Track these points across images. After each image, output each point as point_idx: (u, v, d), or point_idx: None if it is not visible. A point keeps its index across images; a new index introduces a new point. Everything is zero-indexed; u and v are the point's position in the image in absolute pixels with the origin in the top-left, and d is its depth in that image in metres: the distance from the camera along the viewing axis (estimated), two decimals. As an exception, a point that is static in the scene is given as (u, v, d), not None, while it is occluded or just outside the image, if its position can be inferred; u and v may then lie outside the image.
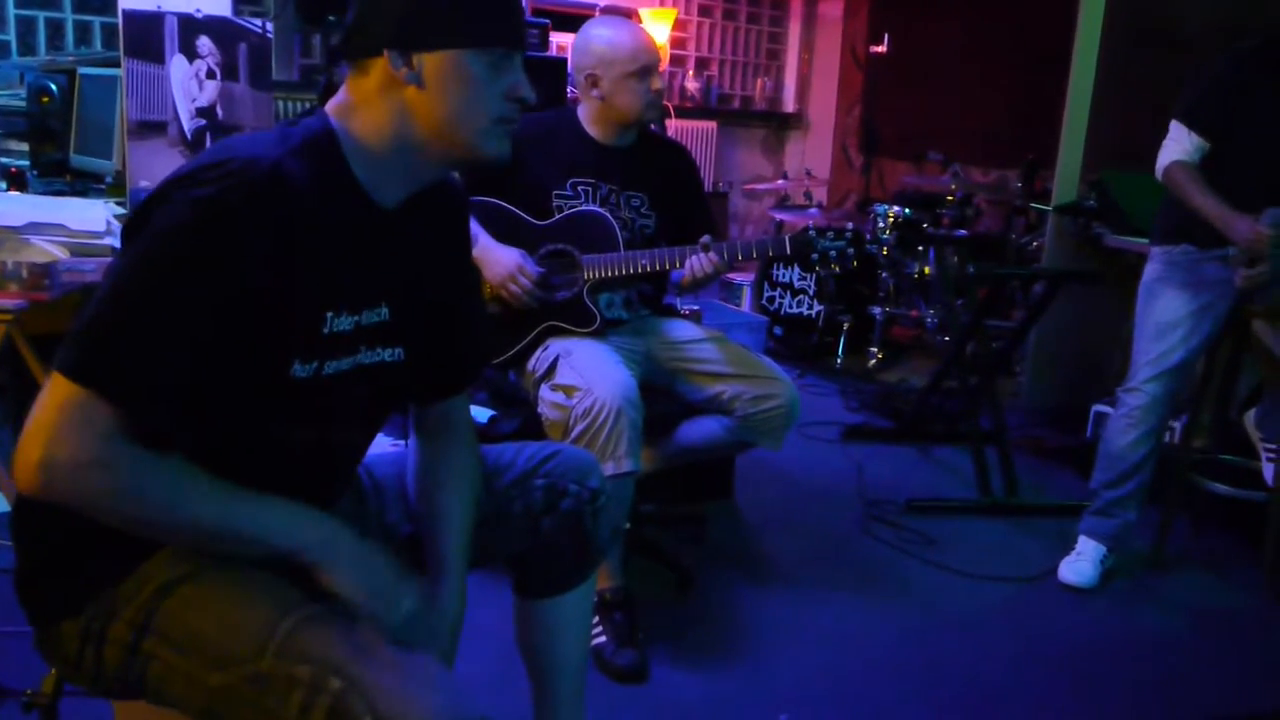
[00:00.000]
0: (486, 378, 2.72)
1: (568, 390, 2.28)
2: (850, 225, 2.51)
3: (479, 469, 1.51)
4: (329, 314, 1.25)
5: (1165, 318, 2.81)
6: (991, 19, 6.28)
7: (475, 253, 2.38)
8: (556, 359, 2.38)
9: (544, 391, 2.37)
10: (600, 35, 2.52)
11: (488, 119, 1.28)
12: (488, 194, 2.51)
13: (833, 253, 2.44)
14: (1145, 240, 3.12)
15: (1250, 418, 3.15)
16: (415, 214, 1.35)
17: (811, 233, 2.45)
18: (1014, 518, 3.36)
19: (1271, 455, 2.94)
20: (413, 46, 1.23)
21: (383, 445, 1.68)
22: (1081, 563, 2.89)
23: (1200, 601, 2.88)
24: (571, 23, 6.56)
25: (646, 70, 2.48)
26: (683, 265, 2.42)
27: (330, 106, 1.29)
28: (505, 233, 2.48)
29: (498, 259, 2.42)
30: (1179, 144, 2.75)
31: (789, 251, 2.46)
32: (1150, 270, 2.93)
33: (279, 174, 1.16)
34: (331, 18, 4.38)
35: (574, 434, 2.22)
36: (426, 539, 1.44)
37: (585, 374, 2.28)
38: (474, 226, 2.43)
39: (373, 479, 1.54)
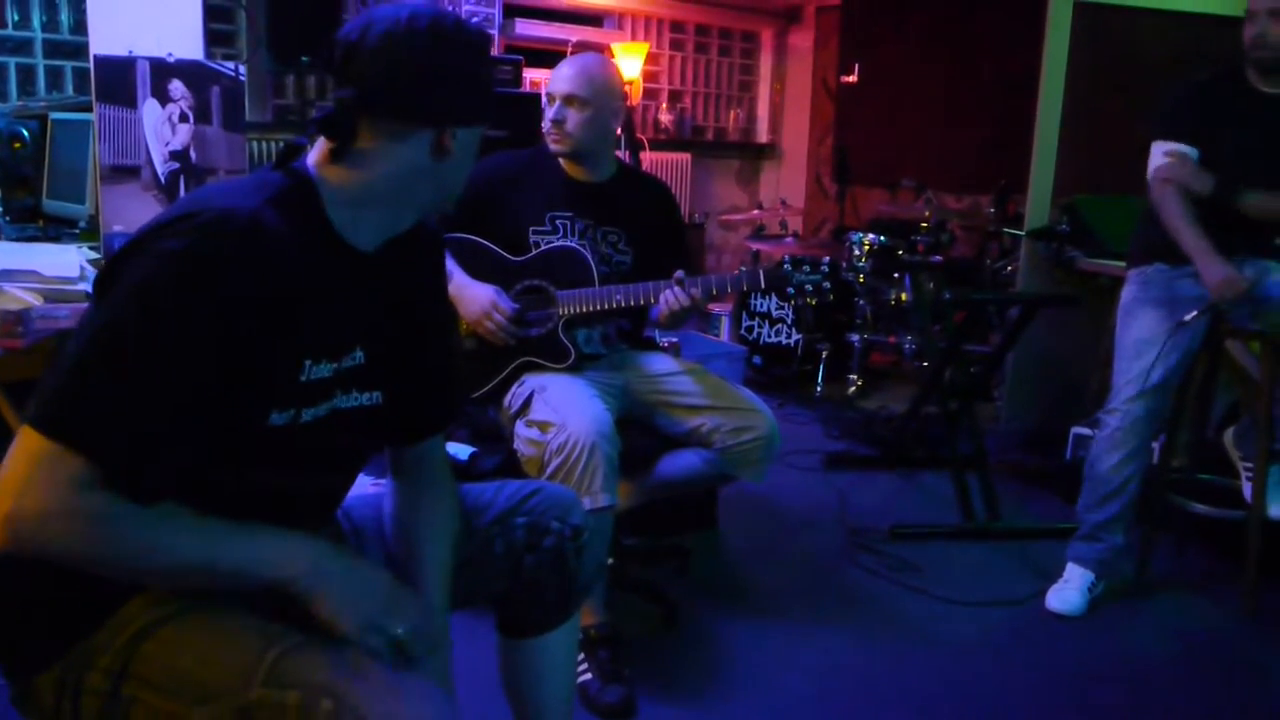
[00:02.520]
0: (466, 414, 2.71)
1: (542, 426, 2.28)
2: (827, 258, 2.53)
3: (458, 509, 1.51)
4: (307, 362, 1.25)
5: (1143, 336, 2.84)
6: (959, 48, 6.36)
7: (450, 290, 2.39)
8: (531, 395, 2.38)
9: (519, 428, 2.37)
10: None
11: (462, 185, 1.39)
12: (465, 232, 2.52)
13: (809, 286, 2.45)
14: (1118, 263, 3.16)
15: (1229, 436, 3.16)
16: (392, 258, 1.36)
17: (787, 266, 2.46)
18: (997, 542, 3.36)
19: (1250, 474, 2.96)
20: (452, 122, 1.28)
21: (364, 485, 1.67)
22: (1068, 591, 2.89)
23: (1185, 623, 2.88)
24: (543, 59, 6.63)
25: (550, 96, 2.51)
26: (658, 300, 2.43)
27: (311, 155, 1.29)
28: (481, 269, 2.48)
29: (473, 296, 2.42)
30: (1166, 157, 2.78)
31: (764, 286, 2.49)
32: (1126, 292, 2.95)
33: (257, 224, 1.16)
34: (305, 59, 4.38)
35: (549, 469, 2.21)
36: (407, 580, 1.43)
37: (559, 409, 2.28)
38: (449, 263, 2.43)
39: (351, 522, 1.53)
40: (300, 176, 1.27)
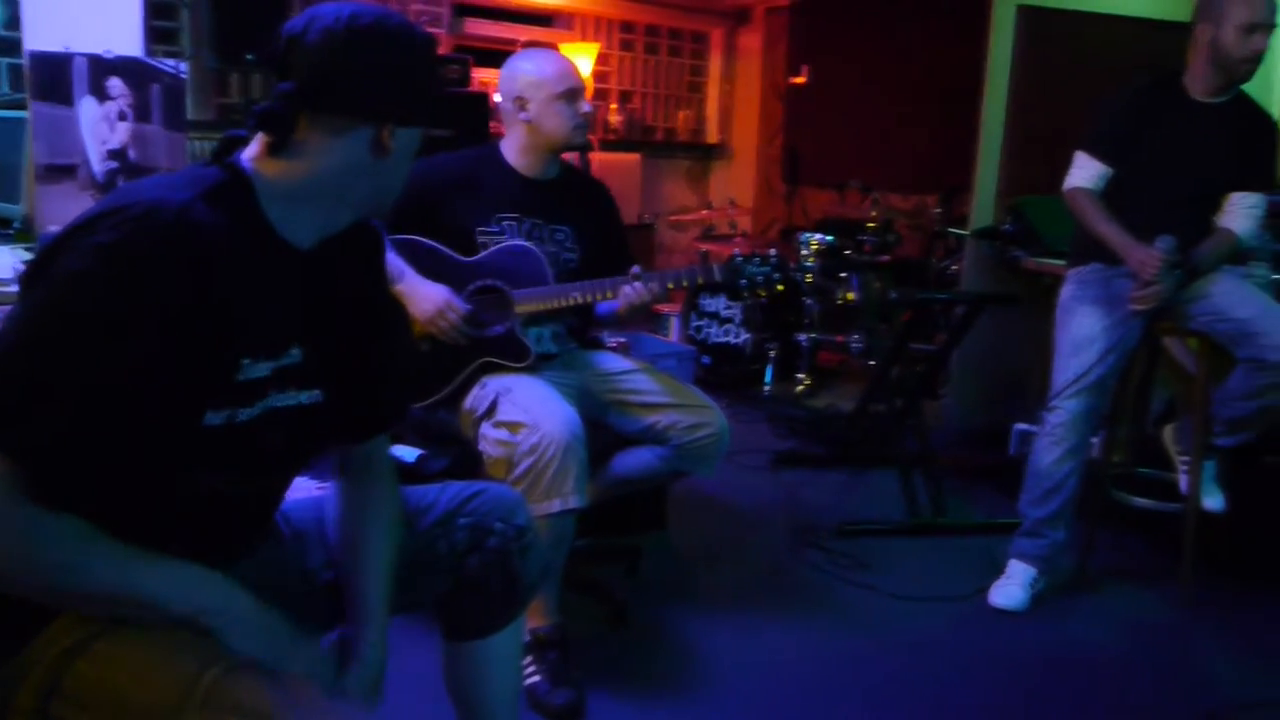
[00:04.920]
0: (414, 416, 2.69)
1: (512, 427, 2.27)
2: (774, 250, 2.58)
3: (401, 511, 1.49)
4: (245, 360, 1.23)
5: (1081, 334, 2.89)
6: (906, 50, 6.42)
7: (402, 289, 2.38)
8: (497, 397, 2.37)
9: (486, 429, 2.35)
10: (528, 61, 2.59)
11: (402, 186, 1.37)
12: (412, 233, 2.50)
13: (759, 278, 2.51)
14: (1061, 262, 3.22)
15: (1166, 432, 3.23)
16: (330, 255, 1.34)
17: (739, 258, 2.51)
18: (943, 538, 3.40)
19: (1186, 468, 3.02)
20: (393, 121, 1.27)
21: (307, 488, 1.65)
22: (1011, 586, 2.93)
23: (1125, 614, 2.94)
24: (492, 58, 6.59)
25: (573, 93, 2.53)
26: (615, 296, 2.44)
27: (249, 151, 1.27)
28: (432, 270, 2.46)
29: (425, 295, 2.40)
30: (1083, 171, 2.90)
31: (719, 278, 2.53)
32: (1065, 291, 3.01)
33: (187, 217, 1.14)
34: (250, 56, 4.33)
35: (519, 470, 2.21)
36: (347, 584, 1.42)
37: (530, 410, 2.27)
38: (400, 263, 2.42)
39: (290, 525, 1.51)
40: (236, 171, 1.25)
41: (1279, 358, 2.69)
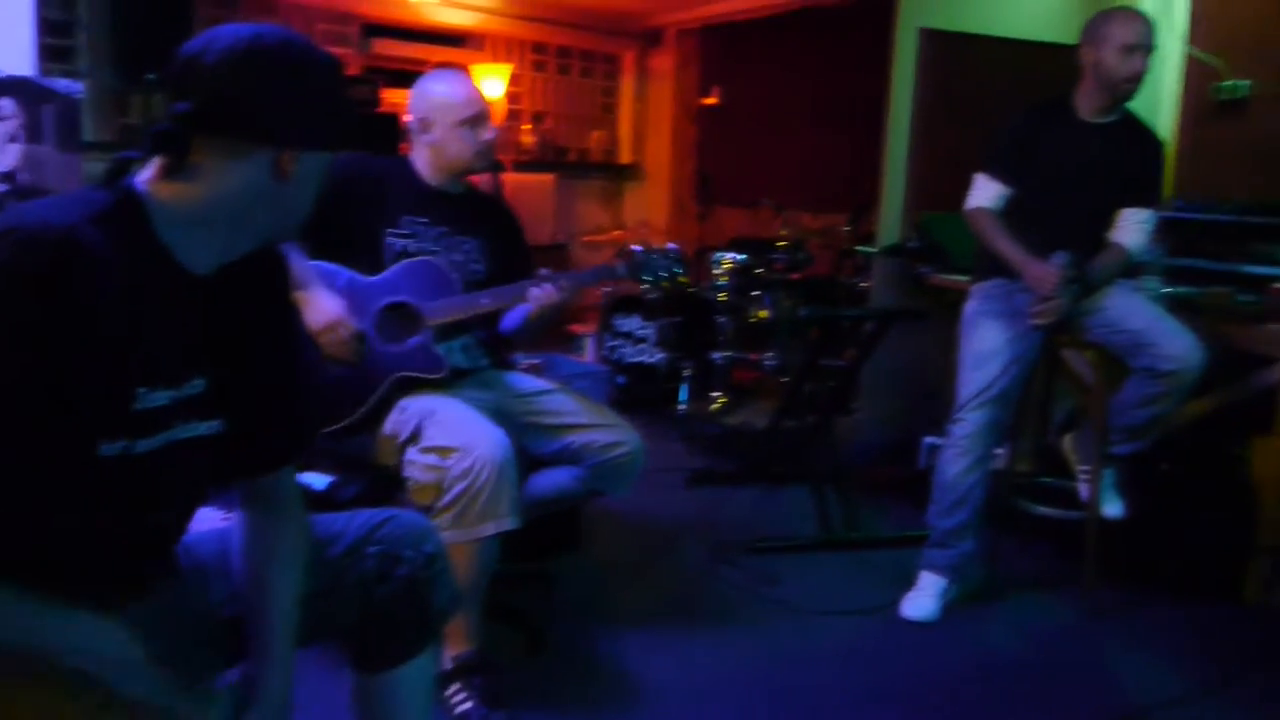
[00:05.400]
0: (325, 441, 2.64)
1: (442, 452, 2.24)
2: (673, 245, 2.67)
3: (307, 542, 1.46)
4: (141, 390, 1.20)
5: (984, 348, 2.97)
6: (815, 72, 6.55)
7: (303, 296, 2.33)
8: (421, 421, 2.34)
9: (413, 455, 2.32)
10: (436, 83, 2.59)
11: (308, 212, 1.35)
12: (317, 234, 2.46)
13: (663, 272, 2.60)
14: (966, 277, 3.31)
15: (1066, 441, 3.32)
16: (230, 281, 1.32)
17: (640, 251, 2.61)
18: (855, 551, 3.44)
19: (1086, 476, 3.11)
20: (294, 145, 1.25)
21: (211, 519, 1.60)
22: (922, 597, 2.98)
23: (1032, 621, 3.01)
24: (402, 79, 6.54)
25: (477, 119, 2.53)
26: (525, 300, 2.46)
27: (144, 173, 1.24)
28: (339, 293, 2.42)
29: (319, 308, 2.36)
30: (983, 191, 2.99)
31: (625, 273, 2.61)
32: (968, 306, 3.09)
33: (73, 240, 1.10)
34: (151, 76, 4.23)
35: (451, 495, 2.19)
36: (251, 618, 1.38)
37: (459, 433, 2.25)
38: (306, 271, 2.38)
39: (192, 558, 1.46)
40: (128, 193, 1.22)
41: (1170, 367, 2.79)
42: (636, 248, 2.64)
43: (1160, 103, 4.51)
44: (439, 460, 2.23)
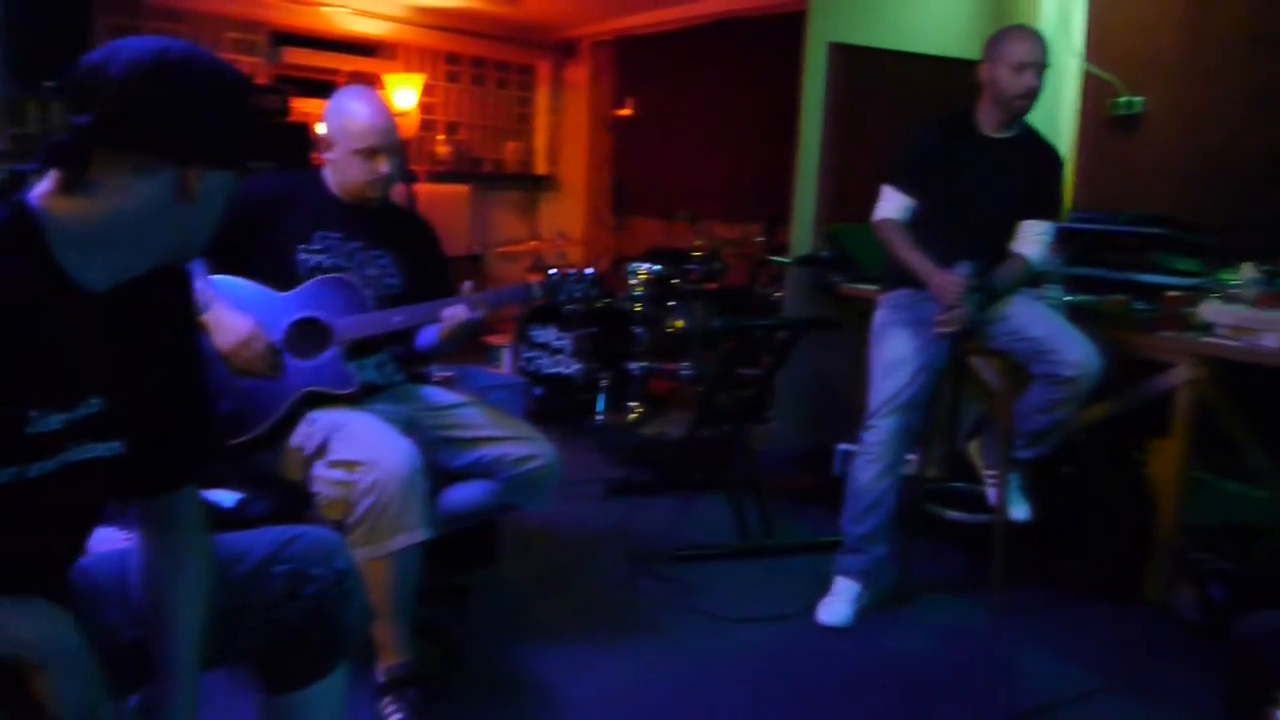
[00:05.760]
0: (234, 457, 2.59)
1: (349, 466, 2.21)
2: (590, 268, 2.68)
3: (210, 562, 1.43)
4: (33, 412, 1.16)
5: (893, 356, 3.03)
6: (728, 84, 6.62)
7: (209, 318, 2.29)
8: (328, 435, 2.30)
9: (319, 470, 2.28)
10: (345, 105, 2.53)
11: (212, 232, 1.32)
12: (227, 253, 2.41)
13: (577, 293, 2.61)
14: (876, 287, 3.37)
15: (973, 446, 3.40)
16: (129, 298, 1.28)
17: (555, 275, 2.62)
18: (772, 558, 3.48)
19: (994, 480, 3.19)
20: (199, 163, 1.23)
21: (112, 539, 1.55)
22: (836, 603, 3.03)
23: (944, 623, 3.07)
24: (315, 88, 6.45)
25: (373, 152, 2.49)
26: (439, 319, 2.43)
27: (40, 187, 1.20)
28: (248, 307, 2.38)
29: (229, 326, 2.32)
30: (889, 203, 3.06)
31: (540, 294, 2.60)
32: (877, 315, 3.15)
33: None
34: (49, 84, 4.10)
35: (360, 510, 2.16)
36: (153, 642, 1.35)
37: (366, 447, 2.22)
38: (210, 291, 2.34)
39: (89, 580, 1.42)
40: (21, 209, 1.18)
41: (1070, 373, 2.88)
42: (552, 270, 2.64)
43: (1060, 118, 4.66)
44: (346, 475, 2.21)
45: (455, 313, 2.43)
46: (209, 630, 1.38)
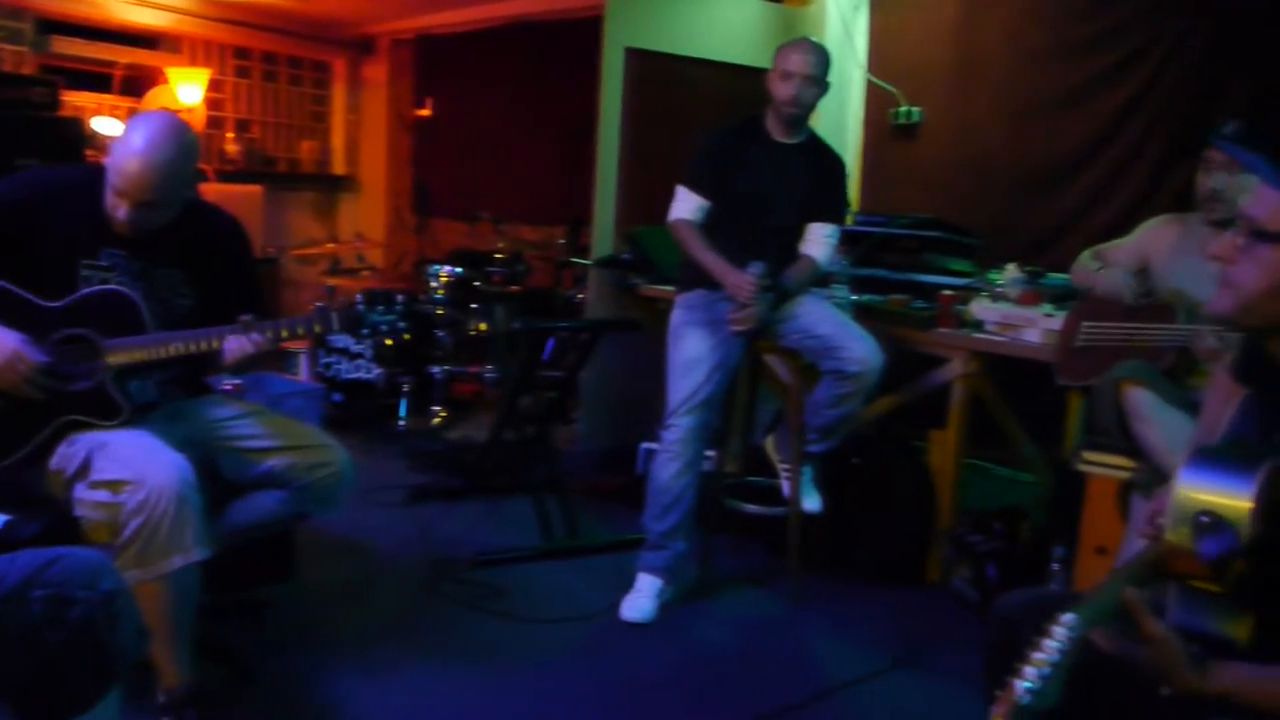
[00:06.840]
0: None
1: (113, 486, 2.08)
2: (401, 295, 2.50)
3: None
4: None
5: (689, 355, 3.10)
6: (529, 86, 6.60)
7: None
8: (90, 454, 2.16)
9: (81, 492, 2.14)
10: (124, 139, 2.26)
11: None
12: (2, 263, 2.23)
13: (384, 326, 2.40)
14: (674, 288, 3.43)
15: (769, 442, 3.51)
16: None
17: (360, 306, 2.38)
18: (577, 559, 3.50)
19: (787, 474, 3.30)
20: None
21: None
22: (640, 599, 3.07)
23: (744, 614, 3.18)
24: (88, 81, 6.08)
25: (124, 194, 2.23)
26: (220, 346, 2.27)
27: None
28: (9, 317, 2.20)
29: None
30: (684, 204, 3.13)
31: (337, 328, 2.39)
32: (674, 316, 3.22)
33: None
34: None
35: (128, 532, 2.04)
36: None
37: (131, 465, 2.09)
38: None
39: None
40: None
41: (856, 369, 3.02)
42: (358, 298, 2.41)
43: (847, 125, 4.89)
44: (110, 496, 2.08)
45: (238, 346, 2.25)
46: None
